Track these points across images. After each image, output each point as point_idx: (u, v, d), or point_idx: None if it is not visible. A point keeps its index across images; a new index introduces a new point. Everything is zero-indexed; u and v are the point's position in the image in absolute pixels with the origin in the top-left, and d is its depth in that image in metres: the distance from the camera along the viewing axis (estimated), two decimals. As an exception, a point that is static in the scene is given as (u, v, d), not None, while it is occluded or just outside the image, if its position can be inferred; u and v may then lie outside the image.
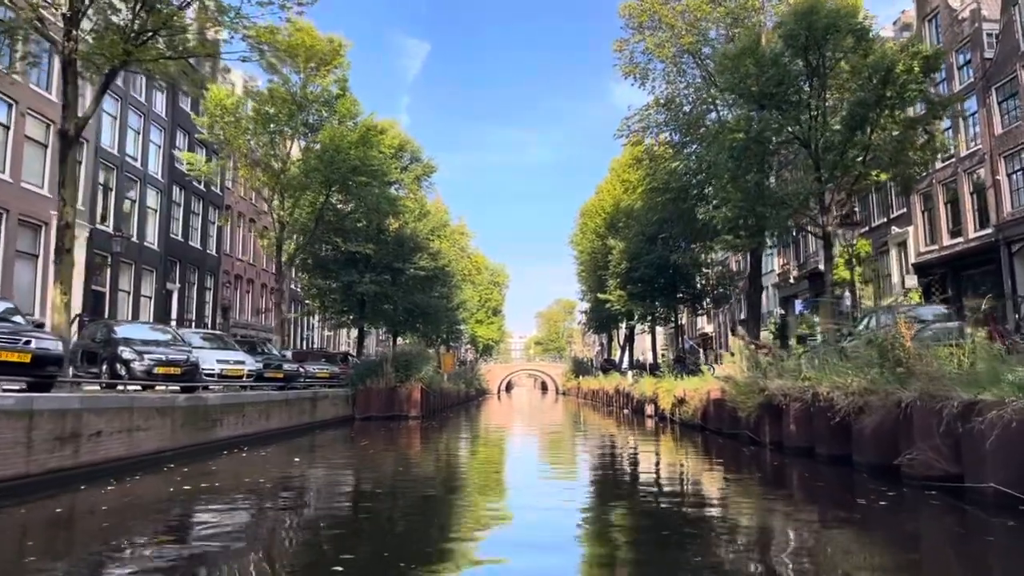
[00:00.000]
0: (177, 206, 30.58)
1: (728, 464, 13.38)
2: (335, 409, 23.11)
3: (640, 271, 35.37)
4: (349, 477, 11.64)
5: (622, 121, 30.45)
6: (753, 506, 8.88)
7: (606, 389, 39.35)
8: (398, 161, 32.43)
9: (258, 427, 16.11)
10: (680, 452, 15.57)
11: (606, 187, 46.33)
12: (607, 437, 20.46)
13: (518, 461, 14.72)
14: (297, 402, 18.99)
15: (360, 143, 21.47)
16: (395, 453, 15.53)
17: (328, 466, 12.90)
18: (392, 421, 24.19)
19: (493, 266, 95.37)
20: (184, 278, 30.96)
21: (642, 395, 26.42)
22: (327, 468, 12.60)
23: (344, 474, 12.01)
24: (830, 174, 18.59)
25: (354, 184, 21.78)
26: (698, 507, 8.96)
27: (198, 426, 13.28)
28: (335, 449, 16.24)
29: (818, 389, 11.57)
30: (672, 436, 19.04)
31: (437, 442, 18.65)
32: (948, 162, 26.19)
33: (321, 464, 13.19)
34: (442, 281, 39.51)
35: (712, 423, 17.92)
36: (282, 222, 22.83)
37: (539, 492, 10.19)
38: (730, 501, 9.29)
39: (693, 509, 8.78)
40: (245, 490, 9.56)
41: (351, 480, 11.35)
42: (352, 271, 29.53)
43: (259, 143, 22.17)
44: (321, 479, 11.12)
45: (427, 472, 11.96)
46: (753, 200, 19.00)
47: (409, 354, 26.41)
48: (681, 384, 21.52)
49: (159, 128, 28.96)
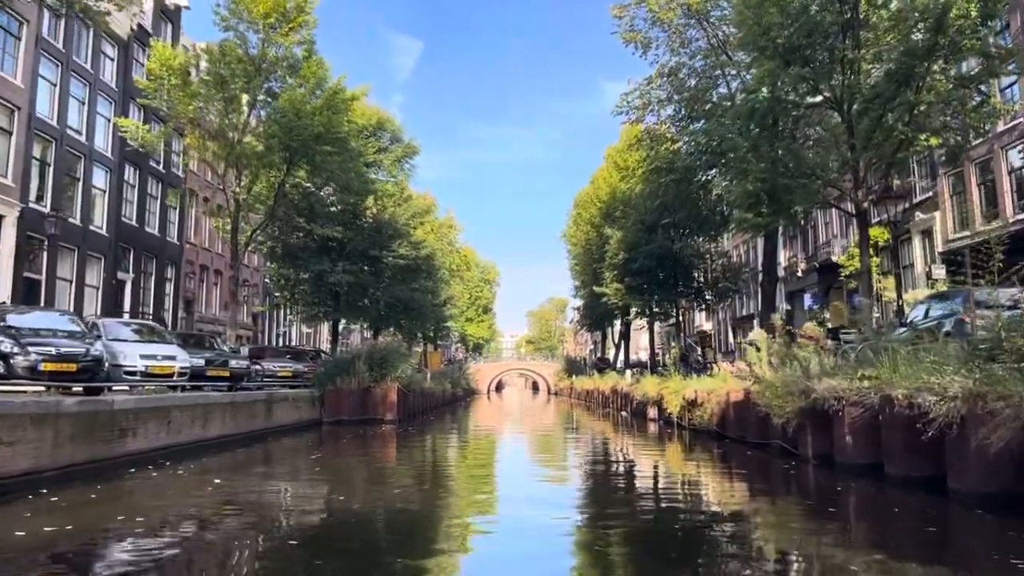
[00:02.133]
0: (131, 187, 27.70)
1: (769, 485, 10.71)
2: (297, 412, 20.34)
3: (639, 262, 32.70)
4: (270, 508, 8.73)
5: (621, 97, 27.73)
6: (831, 556, 6.18)
7: (602, 389, 36.68)
8: (376, 141, 29.68)
9: (189, 436, 13.34)
10: (702, 467, 12.88)
11: (602, 175, 43.67)
12: (608, 445, 17.79)
13: (506, 479, 12.03)
14: (246, 405, 16.23)
15: (325, 108, 18.68)
16: (354, 467, 12.80)
17: (252, 490, 9.98)
18: (365, 425, 21.48)
19: (484, 263, 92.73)
20: (139, 267, 28.08)
21: (644, 396, 23.77)
22: (251, 492, 9.74)
23: (264, 504, 8.90)
24: (867, 140, 15.93)
25: (318, 155, 18.99)
26: (751, 551, 6.27)
27: (97, 437, 10.51)
28: (280, 462, 13.47)
29: (890, 391, 8.93)
30: (684, 444, 16.37)
31: (409, 452, 15.92)
32: (983, 139, 23.65)
33: (247, 485, 10.33)
34: (426, 273, 36.74)
35: (732, 430, 15.28)
36: (237, 200, 20.04)
37: (530, 528, 7.49)
38: (794, 541, 6.59)
39: (744, 551, 6.10)
40: (98, 536, 6.79)
41: (269, 514, 8.45)
42: (323, 259, 26.74)
43: (211, 110, 19.34)
44: (228, 512, 8.27)
45: (387, 499, 9.25)
46: (778, 171, 16.34)
47: (384, 350, 23.66)
48: (692, 384, 18.87)
49: (108, 99, 26.08)
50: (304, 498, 9.37)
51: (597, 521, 7.85)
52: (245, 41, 19.91)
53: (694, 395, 18.26)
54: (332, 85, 19.10)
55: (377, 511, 8.27)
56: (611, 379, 35.34)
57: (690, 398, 18.60)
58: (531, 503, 8.97)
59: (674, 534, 7.22)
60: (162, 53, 19.50)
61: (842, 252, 32.09)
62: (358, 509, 8.49)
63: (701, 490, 10.34)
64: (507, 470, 13.15)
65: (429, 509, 8.52)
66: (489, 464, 14.09)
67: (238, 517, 7.92)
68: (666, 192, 27.82)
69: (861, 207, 16.58)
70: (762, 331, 14.78)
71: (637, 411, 25.76)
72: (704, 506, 8.92)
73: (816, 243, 36.78)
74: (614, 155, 43.18)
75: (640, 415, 24.99)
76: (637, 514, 8.30)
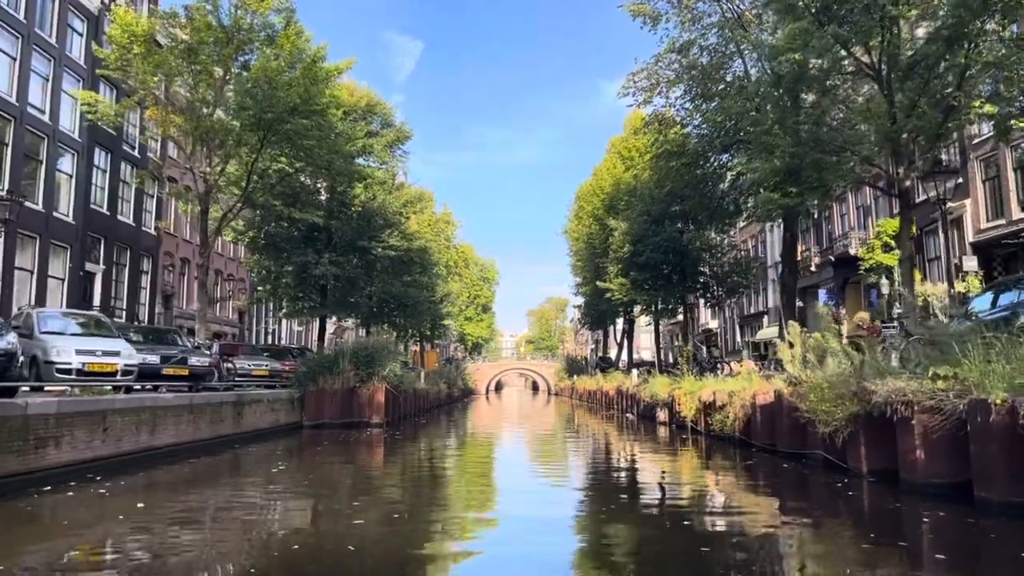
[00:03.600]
0: (101, 172, 25.80)
1: (818, 505, 8.80)
2: (274, 415, 18.48)
3: (645, 255, 30.81)
4: (186, 549, 6.48)
5: (627, 77, 25.83)
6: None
7: (605, 390, 34.82)
8: (366, 124, 27.79)
9: (133, 445, 11.47)
10: (732, 482, 10.99)
11: (605, 166, 41.77)
12: (617, 453, 15.91)
13: (502, 497, 10.16)
14: (209, 408, 14.35)
15: (302, 79, 16.74)
16: (323, 480, 10.93)
17: (181, 516, 8.02)
18: (349, 429, 19.66)
19: (483, 261, 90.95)
20: (111, 258, 26.19)
21: (653, 398, 21.90)
22: (178, 519, 7.81)
23: (180, 544, 6.46)
24: (910, 109, 14.06)
25: (295, 130, 17.07)
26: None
27: (5, 448, 8.65)
28: (236, 474, 11.57)
29: (983, 395, 7.08)
30: (703, 454, 14.51)
31: (392, 462, 14.04)
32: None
33: (179, 508, 8.35)
34: (421, 267, 34.87)
35: (759, 437, 13.41)
36: (207, 180, 18.15)
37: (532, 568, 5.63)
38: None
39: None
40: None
41: (183, 556, 6.32)
42: (307, 250, 24.85)
43: (179, 82, 17.41)
44: (123, 556, 6.33)
45: (354, 531, 7.39)
46: (808, 145, 14.47)
47: (371, 348, 21.77)
48: (709, 385, 17.01)
49: (75, 77, 24.19)
50: (247, 527, 7.49)
51: (612, 551, 5.99)
52: (216, 6, 18.01)
53: (712, 397, 16.41)
54: (310, 54, 17.15)
55: (342, 546, 6.40)
56: (615, 379, 33.47)
57: (707, 400, 16.75)
58: (531, 529, 7.14)
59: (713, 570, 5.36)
60: (123, 18, 17.60)
61: (861, 245, 30.25)
62: (312, 545, 6.61)
63: (738, 511, 8.46)
64: (504, 485, 11.28)
65: (408, 541, 6.64)
66: (483, 476, 12.23)
67: (133, 564, 5.98)
68: (676, 178, 25.97)
69: (903, 185, 14.71)
70: (794, 323, 12.92)
71: (645, 414, 23.90)
72: (744, 531, 7.03)
73: (832, 236, 34.93)
74: (618, 145, 41.34)
75: (648, 418, 23.14)
76: (665, 539, 6.43)
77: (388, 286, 31.65)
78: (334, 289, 27.51)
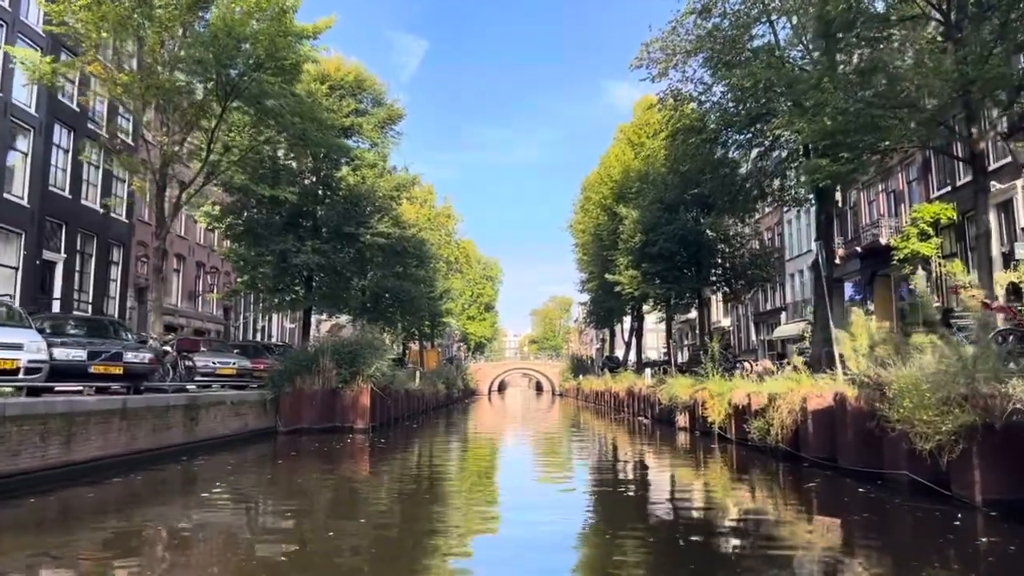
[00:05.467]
0: (63, 152, 23.49)
1: (923, 551, 6.41)
2: (240, 420, 16.16)
3: (658, 245, 28.52)
4: None
5: (641, 48, 23.44)
6: None
7: (615, 391, 32.44)
8: (355, 102, 25.47)
9: (36, 461, 9.15)
10: (797, 511, 8.59)
11: (613, 153, 39.38)
12: (639, 467, 13.54)
13: (501, 525, 7.81)
14: (149, 413, 12.02)
15: (269, 28, 14.34)
16: (270, 508, 8.59)
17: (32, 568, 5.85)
18: (329, 435, 17.40)
19: (485, 259, 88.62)
20: (74, 247, 23.90)
21: (672, 400, 19.52)
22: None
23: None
24: (985, 58, 11.68)
25: (259, 89, 14.73)
26: None
27: None
28: (157, 500, 9.16)
29: None
30: (740, 468, 12.14)
31: (361, 478, 11.70)
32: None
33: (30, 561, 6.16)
34: (417, 260, 32.54)
35: (812, 450, 11.02)
36: (163, 151, 15.83)
37: None
38: None
39: None
40: None
41: None
42: (288, 237, 22.53)
43: (127, 38, 15.04)
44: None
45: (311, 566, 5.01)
46: (865, 100, 12.09)
47: (355, 344, 19.44)
48: (742, 387, 14.62)
49: (32, 45, 21.82)
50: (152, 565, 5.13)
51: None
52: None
53: (746, 400, 14.03)
54: (279, 3, 14.70)
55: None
56: (626, 379, 31.08)
57: (740, 404, 14.38)
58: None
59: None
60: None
61: (893, 233, 27.81)
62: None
63: (823, 560, 6.07)
64: (500, 513, 8.92)
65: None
66: (478, 499, 9.86)
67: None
68: (693, 157, 23.56)
69: (976, 148, 12.34)
70: (859, 311, 10.53)
71: (661, 418, 21.53)
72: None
73: (859, 225, 32.45)
74: (627, 131, 39.01)
75: (665, 422, 20.77)
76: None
77: (382, 280, 29.44)
78: (320, 281, 25.26)
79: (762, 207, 33.15)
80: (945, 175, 25.47)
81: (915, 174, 28.00)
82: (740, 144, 22.37)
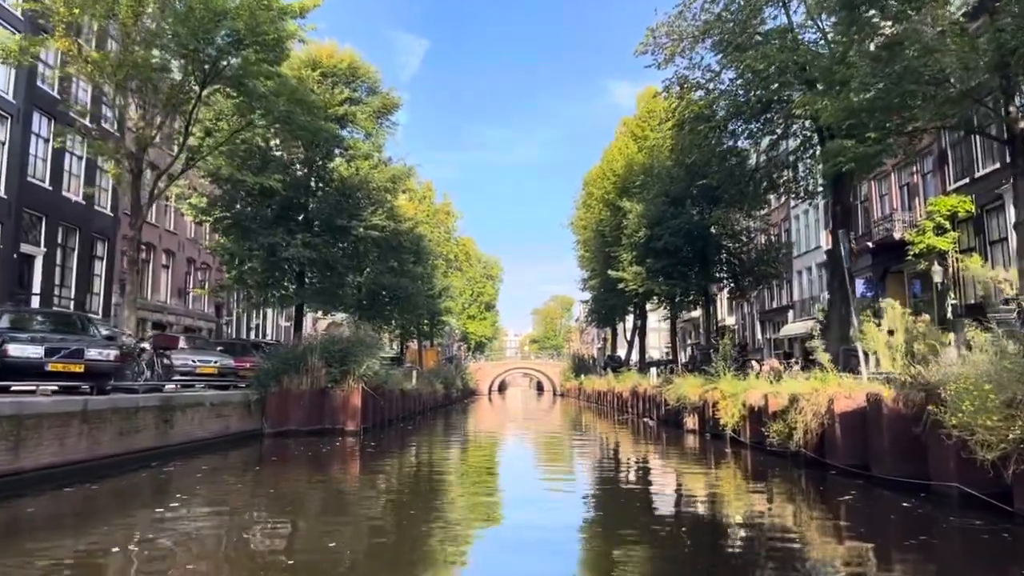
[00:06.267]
0: (42, 141, 22.51)
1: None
2: (221, 423, 15.15)
3: (664, 240, 27.46)
4: None
5: (646, 33, 22.47)
6: None
7: (618, 391, 31.44)
8: (349, 91, 24.45)
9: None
10: (837, 531, 7.58)
11: (616, 146, 38.34)
12: (651, 476, 12.54)
13: (493, 548, 6.82)
14: (115, 414, 11.02)
15: (250, 2, 13.29)
16: (227, 517, 7.61)
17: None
18: (318, 437, 16.44)
19: (486, 258, 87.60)
20: (55, 240, 22.91)
21: (680, 401, 18.52)
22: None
23: None
24: (1022, 29, 10.67)
25: (241, 69, 13.72)
26: None
27: None
28: (97, 520, 8.16)
29: None
30: (760, 476, 11.14)
31: (347, 485, 10.70)
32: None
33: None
34: (414, 256, 31.57)
35: (840, 456, 10.00)
36: (138, 131, 14.83)
37: None
38: None
39: None
40: None
41: None
42: (278, 230, 21.53)
43: (98, 11, 14.01)
44: None
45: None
46: (896, 74, 11.07)
47: (346, 341, 18.44)
48: (758, 387, 13.61)
49: (10, 28, 20.83)
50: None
51: None
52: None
53: (762, 401, 13.03)
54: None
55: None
56: (629, 379, 30.07)
57: (756, 405, 13.38)
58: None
59: None
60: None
61: (907, 227, 26.78)
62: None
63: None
64: (495, 533, 7.92)
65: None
66: (466, 511, 8.86)
67: None
68: (701, 147, 22.53)
69: (1016, 127, 11.33)
70: (893, 303, 9.51)
71: (668, 419, 20.53)
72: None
73: (870, 220, 31.41)
74: (631, 124, 38.00)
75: (673, 424, 19.78)
76: None
77: (378, 276, 28.47)
78: (312, 277, 24.27)
79: (771, 199, 32.08)
80: (963, 166, 24.43)
81: (930, 166, 26.96)
82: (751, 132, 21.37)
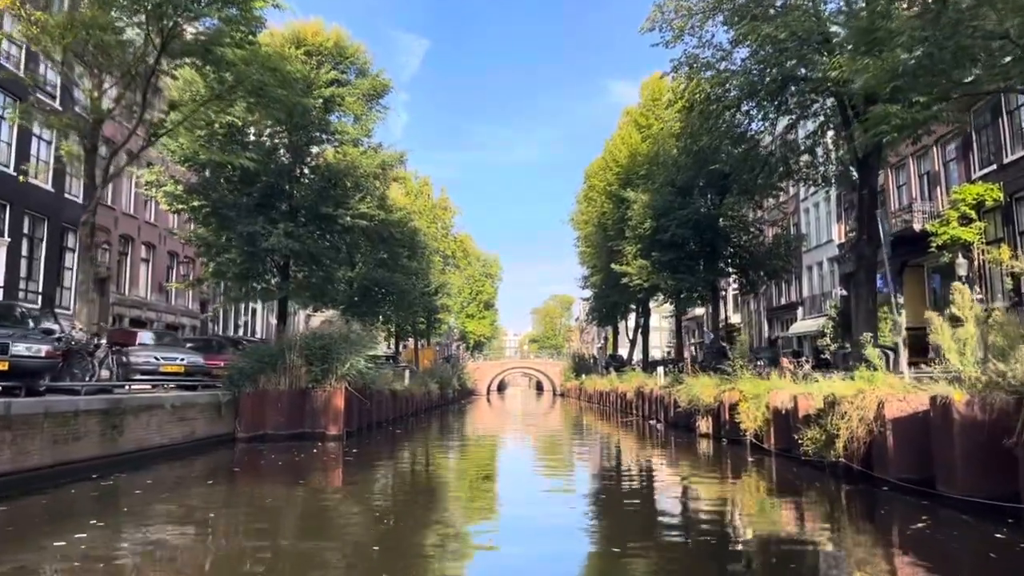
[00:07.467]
0: (6, 124, 20.96)
1: None
2: (185, 428, 13.62)
3: (670, 232, 25.99)
4: None
5: (653, 9, 20.97)
6: None
7: (621, 392, 29.94)
8: (337, 72, 22.90)
9: None
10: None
11: (619, 136, 36.81)
12: (668, 489, 11.02)
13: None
14: (47, 419, 9.50)
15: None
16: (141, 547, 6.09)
17: None
18: (297, 442, 14.98)
19: (485, 255, 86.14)
20: (19, 230, 21.39)
21: (691, 403, 17.00)
22: None
23: None
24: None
25: (205, 35, 12.16)
26: None
27: None
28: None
29: None
30: (792, 489, 9.63)
31: (311, 505, 9.19)
32: None
33: None
34: (409, 251, 30.07)
35: (894, 469, 8.48)
36: (92, 102, 13.34)
37: None
38: None
39: None
40: None
41: None
42: (258, 219, 20.02)
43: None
44: None
45: None
46: (949, 28, 9.57)
47: (328, 338, 16.91)
48: (786, 387, 12.11)
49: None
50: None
51: None
52: None
53: (791, 403, 11.53)
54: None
55: None
56: (634, 379, 28.54)
57: (783, 408, 11.87)
58: None
59: None
60: None
61: (928, 218, 25.29)
62: None
63: None
64: (490, 562, 6.41)
65: None
66: (452, 539, 7.34)
67: None
68: (711, 131, 21.02)
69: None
70: (962, 287, 8.01)
71: (678, 422, 19.03)
72: None
73: (887, 211, 29.92)
74: (634, 113, 36.45)
75: (683, 428, 18.27)
76: None
77: (371, 271, 26.97)
78: (297, 270, 22.76)
79: (786, 186, 30.55)
80: (990, 152, 22.91)
81: (953, 153, 25.46)
82: (766, 114, 19.86)
